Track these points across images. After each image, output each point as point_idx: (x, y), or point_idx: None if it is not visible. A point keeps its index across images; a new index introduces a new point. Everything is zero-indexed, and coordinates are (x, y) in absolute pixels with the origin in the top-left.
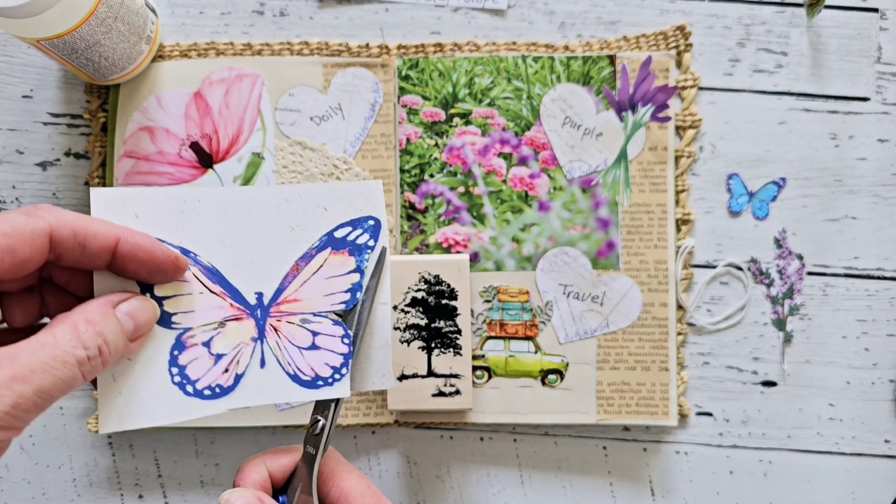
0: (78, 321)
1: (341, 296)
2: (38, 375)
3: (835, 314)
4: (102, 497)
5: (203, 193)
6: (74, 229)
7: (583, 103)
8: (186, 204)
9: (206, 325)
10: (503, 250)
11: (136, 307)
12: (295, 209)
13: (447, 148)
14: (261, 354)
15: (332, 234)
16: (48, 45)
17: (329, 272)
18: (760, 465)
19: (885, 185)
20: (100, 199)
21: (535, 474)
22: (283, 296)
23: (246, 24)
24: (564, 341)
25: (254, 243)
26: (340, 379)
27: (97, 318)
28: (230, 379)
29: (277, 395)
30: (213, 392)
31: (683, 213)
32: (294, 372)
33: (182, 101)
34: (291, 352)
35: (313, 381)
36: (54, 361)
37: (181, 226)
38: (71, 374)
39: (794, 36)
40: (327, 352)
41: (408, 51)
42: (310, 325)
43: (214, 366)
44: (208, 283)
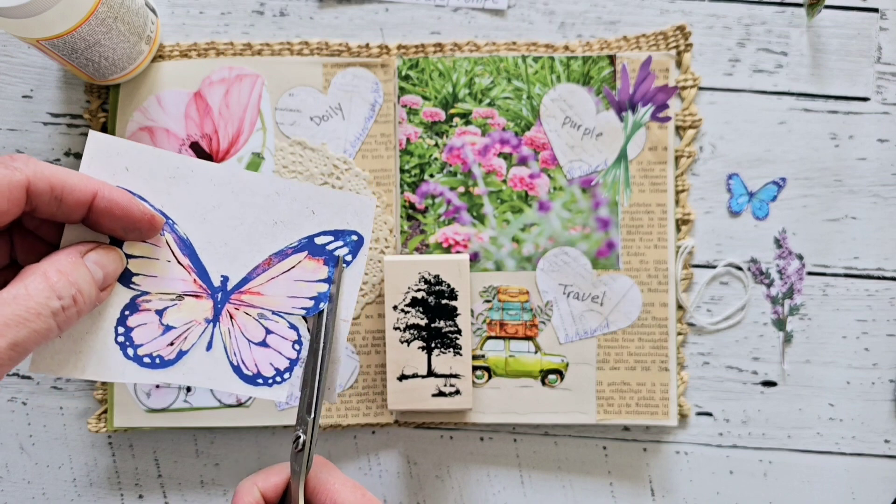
0: (49, 271)
1: (304, 301)
2: (11, 329)
3: (835, 314)
4: (102, 497)
5: (197, 164)
6: (52, 182)
7: (583, 103)
8: (178, 170)
9: (165, 294)
10: (503, 250)
11: (104, 256)
12: (283, 204)
13: (447, 148)
14: (210, 337)
15: (313, 239)
16: (48, 45)
17: (299, 275)
18: (760, 465)
19: (885, 185)
20: (95, 144)
21: (535, 474)
22: (248, 286)
23: (246, 24)
24: (564, 341)
25: (233, 226)
26: (281, 383)
27: (68, 268)
28: (173, 353)
29: (215, 381)
30: (153, 361)
31: (683, 213)
32: (237, 363)
33: (182, 101)
34: (240, 343)
35: (253, 378)
36: (28, 313)
37: (167, 190)
38: (46, 325)
39: (794, 36)
40: (275, 352)
41: (408, 51)
42: (265, 322)
43: (161, 336)
44: (178, 253)
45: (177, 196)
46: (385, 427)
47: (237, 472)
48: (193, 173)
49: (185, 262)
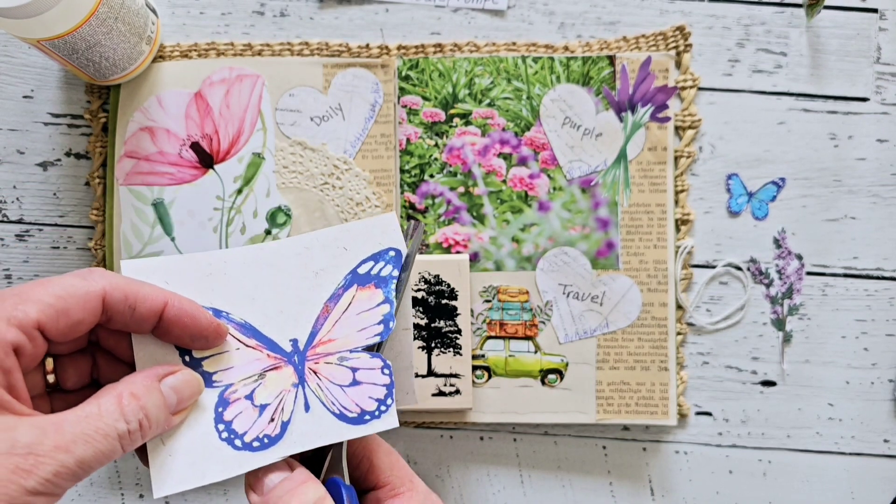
0: (123, 393)
1: (374, 328)
2: (79, 446)
3: (834, 314)
4: (103, 497)
5: (227, 255)
6: (126, 292)
7: (582, 104)
8: (212, 266)
9: (247, 379)
10: (503, 250)
11: (182, 381)
12: (316, 254)
13: (447, 148)
14: (304, 399)
15: (356, 271)
16: (49, 45)
17: (359, 308)
18: (760, 464)
19: (885, 185)
20: (130, 271)
21: (535, 474)
22: (318, 338)
23: (246, 25)
24: (564, 341)
25: (281, 293)
26: (387, 410)
27: (141, 392)
28: (277, 428)
29: (326, 436)
30: (262, 443)
31: (683, 213)
32: (339, 411)
33: (182, 101)
34: (334, 391)
35: (360, 417)
36: (96, 434)
37: (210, 287)
38: (111, 447)
39: (793, 36)
40: (369, 385)
41: (408, 51)
42: (348, 363)
43: (259, 417)
44: (243, 338)
45: (220, 289)
46: None
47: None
48: (227, 264)
49: (252, 343)
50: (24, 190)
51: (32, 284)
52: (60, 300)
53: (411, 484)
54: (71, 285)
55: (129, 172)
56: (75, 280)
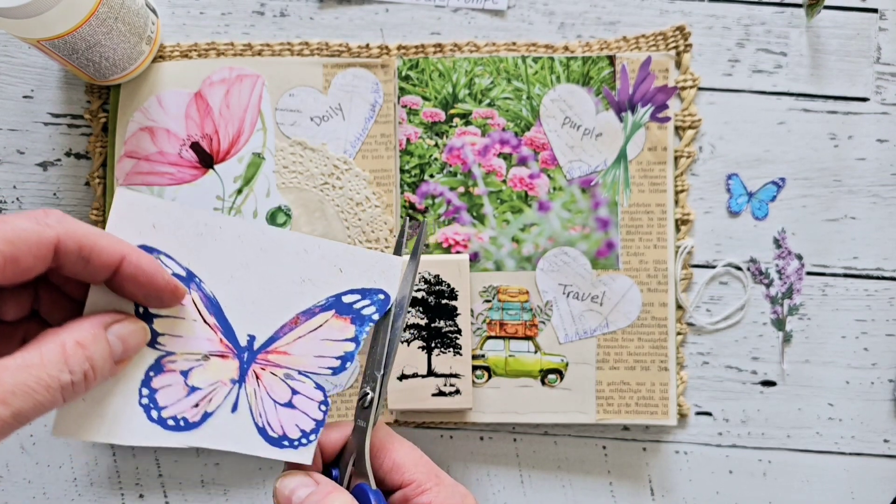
0: (67, 342)
1: (331, 361)
2: (18, 398)
3: (834, 314)
4: (103, 497)
5: (226, 221)
6: (81, 243)
7: (582, 104)
8: (206, 228)
9: (190, 355)
10: (503, 250)
11: (129, 330)
12: (311, 262)
13: (447, 148)
14: (235, 398)
15: (340, 298)
16: (49, 45)
17: (326, 334)
18: (760, 464)
19: (885, 185)
20: (123, 200)
21: (535, 474)
22: (275, 345)
23: (246, 25)
24: (564, 341)
25: (261, 285)
26: (307, 444)
27: (88, 340)
28: (198, 415)
29: (240, 444)
30: (177, 424)
31: (683, 213)
32: (263, 425)
33: (182, 101)
34: (266, 404)
35: (279, 440)
36: (37, 385)
37: (195, 248)
38: (51, 398)
39: (793, 36)
40: (301, 413)
41: (408, 51)
42: (292, 382)
43: (186, 397)
44: (205, 312)
45: (204, 254)
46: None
47: (238, 472)
48: (222, 230)
49: (211, 321)
50: (24, 190)
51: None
52: (10, 245)
53: (437, 479)
54: (24, 230)
55: (129, 172)
56: (29, 224)
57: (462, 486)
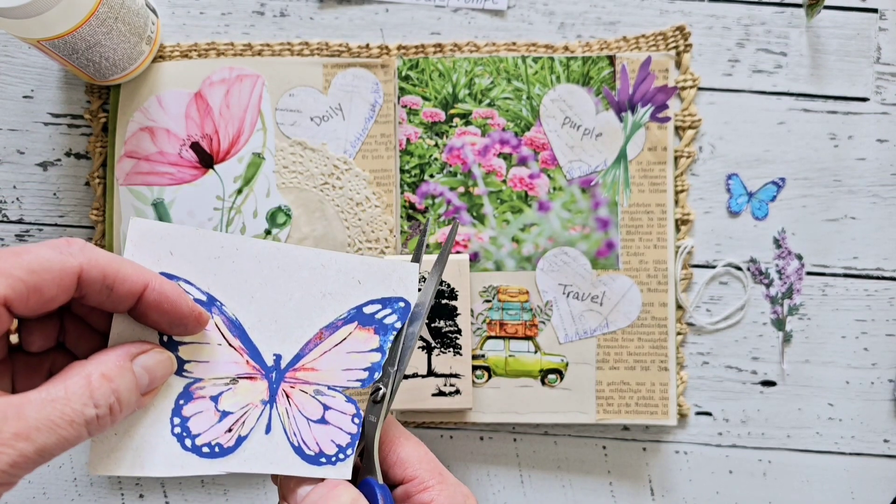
0: (93, 374)
1: (359, 373)
2: (42, 434)
3: (834, 314)
4: (103, 497)
5: (242, 242)
6: (105, 272)
7: (582, 104)
8: (223, 250)
9: (218, 379)
10: (503, 250)
11: (155, 362)
12: (329, 276)
13: (447, 148)
14: (268, 419)
15: (362, 309)
16: (49, 45)
17: (351, 347)
18: (760, 464)
19: (885, 185)
20: (137, 231)
21: (535, 474)
22: (302, 362)
23: (246, 25)
24: (564, 341)
25: (283, 302)
26: (344, 459)
27: (114, 372)
28: (232, 440)
29: (277, 465)
30: (212, 451)
31: (683, 213)
32: (298, 444)
33: (183, 101)
34: (299, 422)
35: (316, 457)
36: (62, 420)
37: (213, 271)
38: (76, 433)
39: (793, 36)
40: (335, 428)
41: (408, 51)
42: (322, 398)
43: (218, 423)
44: (229, 335)
45: (223, 276)
46: None
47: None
48: (238, 251)
49: (236, 343)
50: (24, 190)
51: (5, 253)
52: (33, 275)
53: (441, 477)
54: (47, 259)
55: (129, 172)
56: (52, 253)
57: (465, 487)
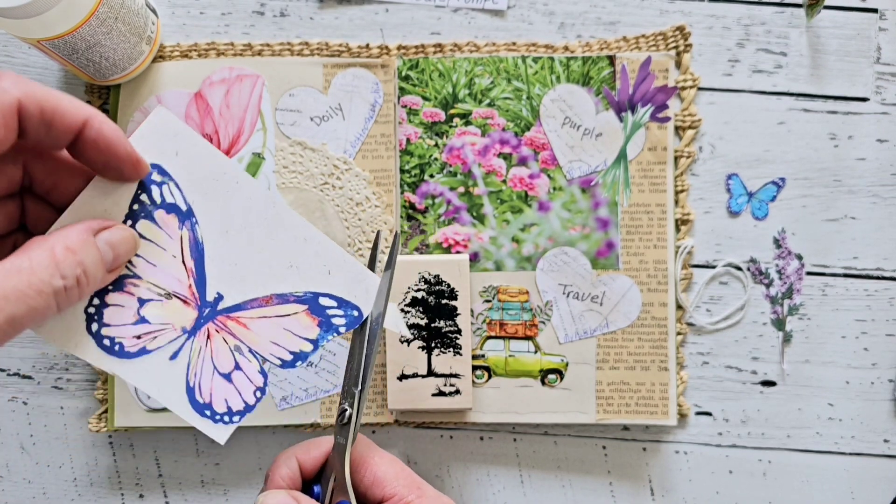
0: (56, 247)
1: (284, 353)
2: (10, 303)
3: (834, 314)
4: (103, 497)
5: (245, 178)
6: (42, 105)
7: (582, 104)
8: (224, 176)
9: (155, 287)
10: (503, 250)
11: (119, 238)
12: (305, 252)
13: (447, 148)
14: (179, 347)
15: (318, 298)
16: (49, 45)
17: (290, 325)
18: (760, 464)
19: (885, 185)
20: (158, 117)
21: (535, 474)
22: (238, 313)
23: (246, 25)
24: (564, 341)
25: (249, 252)
26: (227, 423)
27: (77, 245)
28: (135, 347)
29: (163, 394)
30: (111, 347)
31: (683, 213)
32: (194, 385)
33: (182, 101)
34: (205, 367)
35: (202, 406)
36: (29, 289)
37: (205, 190)
38: (45, 303)
39: (793, 36)
40: (235, 390)
41: (408, 51)
42: (238, 356)
43: (132, 325)
44: (187, 253)
45: (211, 199)
46: (385, 427)
47: (237, 472)
48: (237, 185)
49: (189, 264)
50: None
51: None
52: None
53: (420, 490)
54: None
55: None
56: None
57: (446, 497)
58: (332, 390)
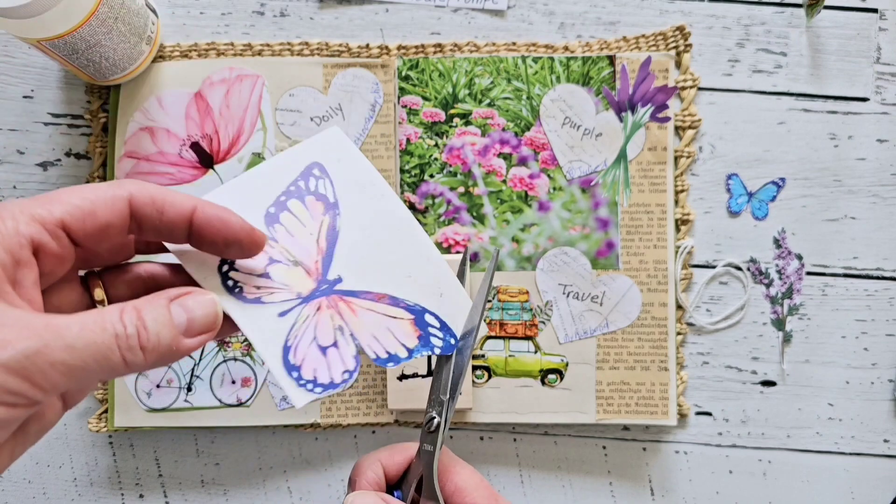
0: (126, 305)
1: (380, 349)
2: (72, 331)
3: (834, 314)
4: (103, 497)
5: (390, 193)
6: (153, 196)
7: (582, 104)
8: (374, 187)
9: (287, 252)
10: (503, 250)
11: (194, 302)
12: (425, 270)
13: (447, 148)
14: (289, 308)
15: (426, 313)
16: (49, 45)
17: (394, 327)
18: (760, 464)
19: (884, 185)
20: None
21: (535, 474)
22: (352, 298)
23: (246, 25)
24: (564, 341)
25: (377, 254)
26: (310, 390)
27: (144, 304)
28: (252, 295)
29: (262, 342)
30: (232, 288)
31: (683, 213)
32: (292, 345)
33: (183, 101)
34: (307, 334)
35: (290, 367)
36: (95, 325)
37: (353, 193)
38: (107, 342)
39: (793, 36)
40: (325, 364)
41: (408, 51)
42: (339, 336)
43: (257, 277)
44: (323, 235)
45: (357, 202)
46: (385, 426)
47: (238, 472)
48: (382, 197)
49: (322, 244)
50: (25, 190)
51: (62, 189)
52: (86, 201)
53: (497, 502)
54: (98, 189)
55: (129, 173)
56: (103, 185)
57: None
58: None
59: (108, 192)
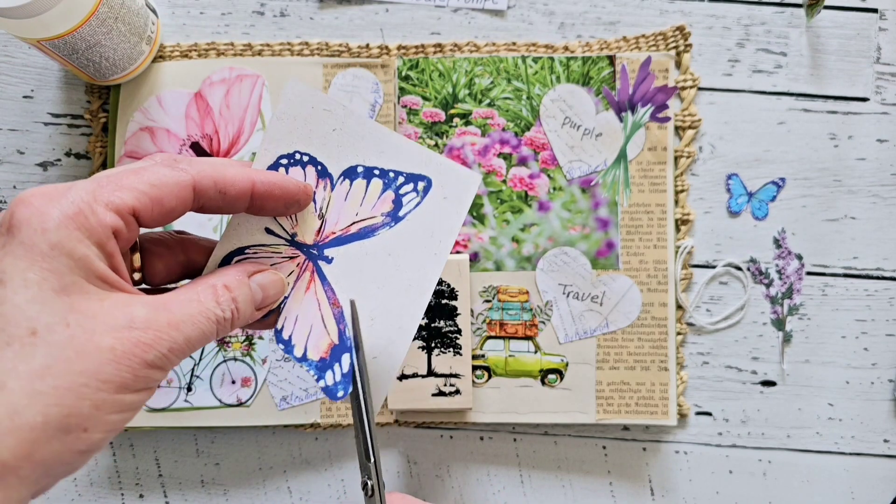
0: (217, 284)
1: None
2: (187, 325)
3: (834, 314)
4: (103, 497)
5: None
6: (214, 179)
7: (582, 104)
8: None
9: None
10: (503, 250)
11: (269, 281)
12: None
13: (447, 148)
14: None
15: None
16: (49, 45)
17: (315, 332)
18: (760, 464)
19: (885, 185)
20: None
21: (535, 474)
22: (316, 279)
23: (246, 25)
24: (564, 341)
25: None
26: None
27: (234, 284)
28: None
29: None
30: None
31: (683, 213)
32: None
33: (183, 101)
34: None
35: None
36: (200, 316)
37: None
38: (210, 329)
39: (793, 36)
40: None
41: (408, 51)
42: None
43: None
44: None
45: (412, 236)
46: (385, 426)
47: (237, 472)
48: (433, 256)
49: (352, 228)
50: (24, 190)
51: (124, 172)
52: (154, 189)
53: None
54: (164, 175)
55: None
56: (165, 170)
57: None
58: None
59: (171, 178)
